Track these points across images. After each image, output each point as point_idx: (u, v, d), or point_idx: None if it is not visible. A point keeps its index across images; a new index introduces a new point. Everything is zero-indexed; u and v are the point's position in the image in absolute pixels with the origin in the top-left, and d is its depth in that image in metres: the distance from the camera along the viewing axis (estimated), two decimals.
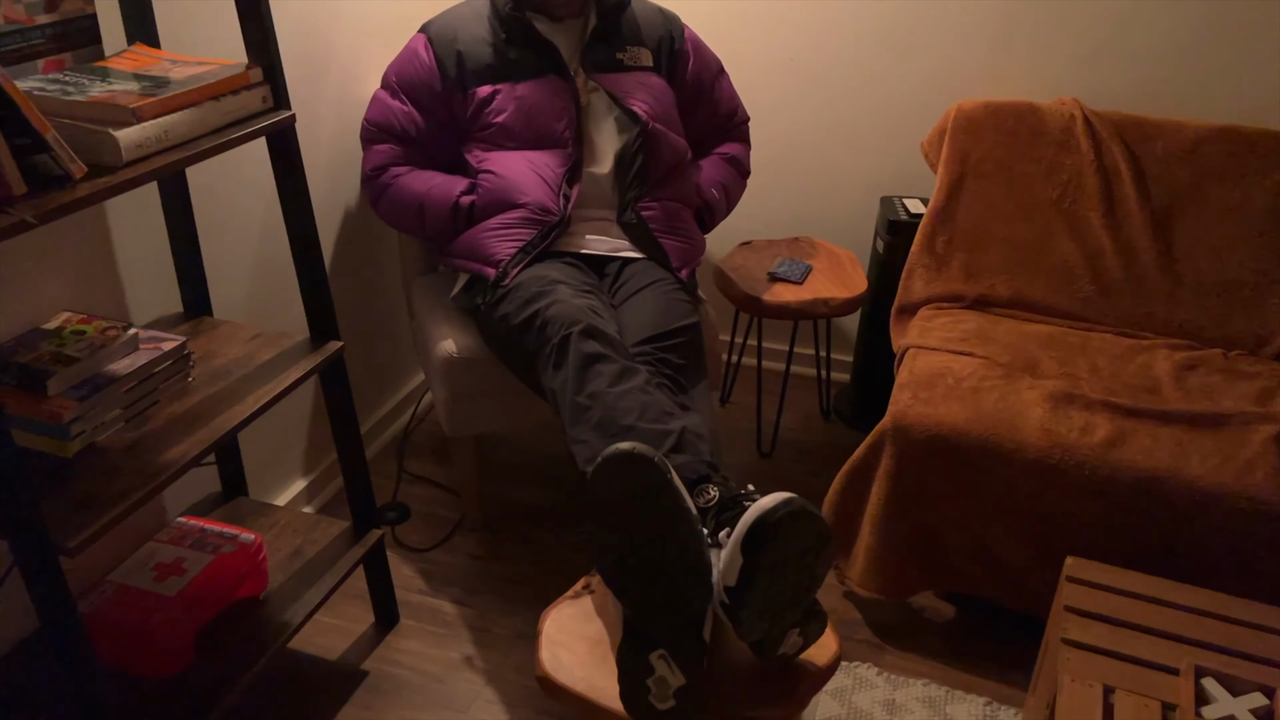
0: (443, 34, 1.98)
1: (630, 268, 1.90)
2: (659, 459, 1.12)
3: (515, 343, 1.72)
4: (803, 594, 1.13)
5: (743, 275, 2.33)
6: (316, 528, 1.82)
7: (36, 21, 1.31)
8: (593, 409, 1.42)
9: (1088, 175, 2.14)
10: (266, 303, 1.96)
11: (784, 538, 1.07)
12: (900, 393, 1.87)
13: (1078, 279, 2.14)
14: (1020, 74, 2.33)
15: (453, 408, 2.01)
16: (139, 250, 1.64)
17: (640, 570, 1.12)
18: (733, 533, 1.09)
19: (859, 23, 2.41)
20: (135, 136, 1.20)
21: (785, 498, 1.09)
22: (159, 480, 1.27)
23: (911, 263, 2.24)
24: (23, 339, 1.37)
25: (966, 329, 2.07)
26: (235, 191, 1.83)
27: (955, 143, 2.24)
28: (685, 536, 1.11)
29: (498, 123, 1.94)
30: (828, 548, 1.12)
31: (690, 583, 1.12)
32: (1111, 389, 1.87)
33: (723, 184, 2.15)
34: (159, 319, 1.67)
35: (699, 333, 1.80)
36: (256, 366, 1.54)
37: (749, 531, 1.07)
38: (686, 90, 2.12)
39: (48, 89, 1.24)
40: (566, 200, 1.91)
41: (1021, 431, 1.74)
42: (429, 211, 1.97)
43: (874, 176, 2.56)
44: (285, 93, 1.44)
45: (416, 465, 2.40)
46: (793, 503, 1.08)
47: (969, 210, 2.22)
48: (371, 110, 2.03)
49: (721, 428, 2.59)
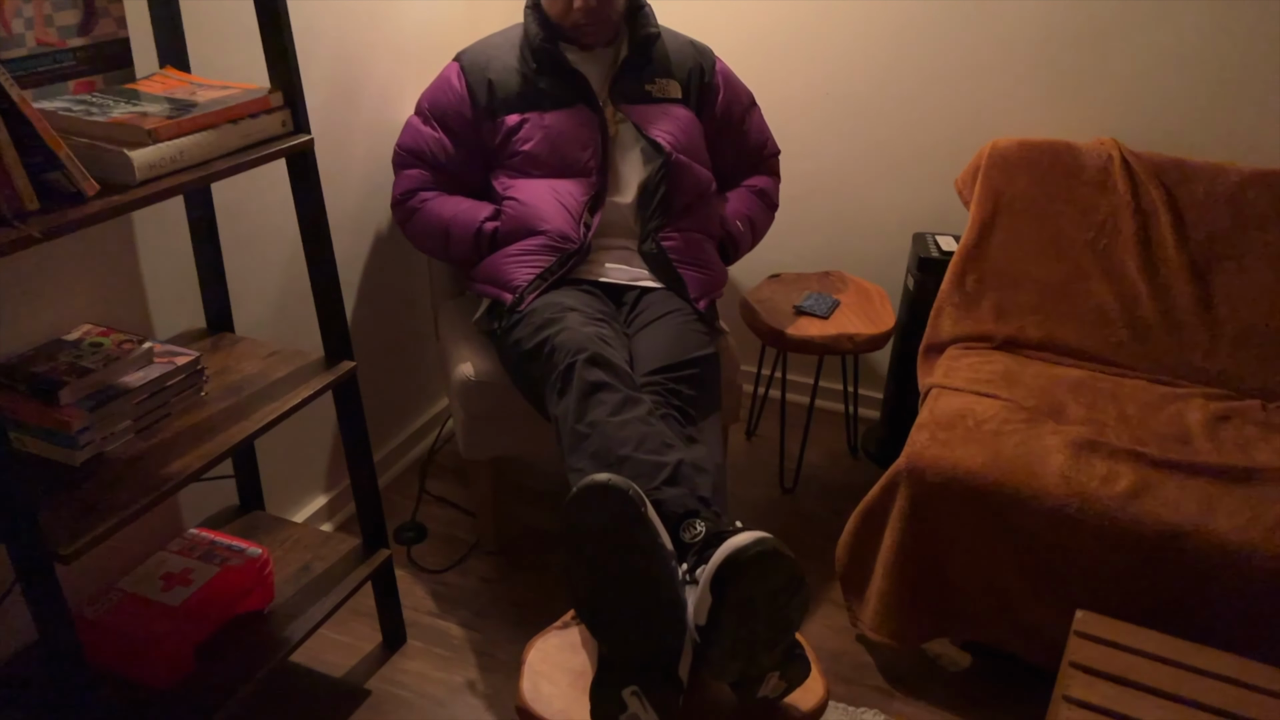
0: (475, 63, 2.02)
1: (648, 297, 1.90)
2: (634, 493, 1.11)
3: (526, 368, 1.73)
4: (778, 636, 1.11)
5: (768, 308, 2.31)
6: (327, 544, 1.84)
7: (68, 44, 1.36)
8: (591, 437, 1.42)
9: (1124, 217, 2.09)
10: (290, 321, 1.99)
11: (754, 577, 1.05)
12: (918, 433, 1.84)
13: (1111, 323, 2.09)
14: (1058, 113, 2.29)
15: (470, 430, 2.02)
16: (165, 266, 1.68)
17: (612, 604, 1.11)
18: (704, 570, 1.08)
19: (896, 58, 2.39)
20: (149, 157, 1.23)
21: (757, 537, 1.07)
22: (159, 492, 1.30)
23: (940, 301, 2.21)
24: (43, 349, 1.41)
25: (993, 370, 2.02)
26: (264, 211, 1.87)
27: (988, 181, 2.20)
28: (658, 572, 1.10)
29: (524, 150, 1.96)
30: (801, 590, 1.10)
31: (663, 619, 1.10)
32: (1139, 438, 1.81)
33: (748, 216, 2.14)
34: (181, 333, 1.71)
35: (714, 364, 1.79)
36: (269, 383, 1.57)
37: (718, 570, 1.05)
38: (716, 122, 2.13)
39: (73, 109, 1.29)
40: (587, 228, 1.92)
41: (1040, 478, 1.70)
42: (454, 236, 2.00)
43: (907, 212, 2.53)
44: (305, 117, 1.48)
45: (439, 486, 2.42)
46: (764, 542, 1.06)
47: (1001, 249, 2.18)
48: (404, 136, 2.07)
49: (745, 461, 2.56)
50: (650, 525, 1.12)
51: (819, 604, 2.07)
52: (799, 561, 1.09)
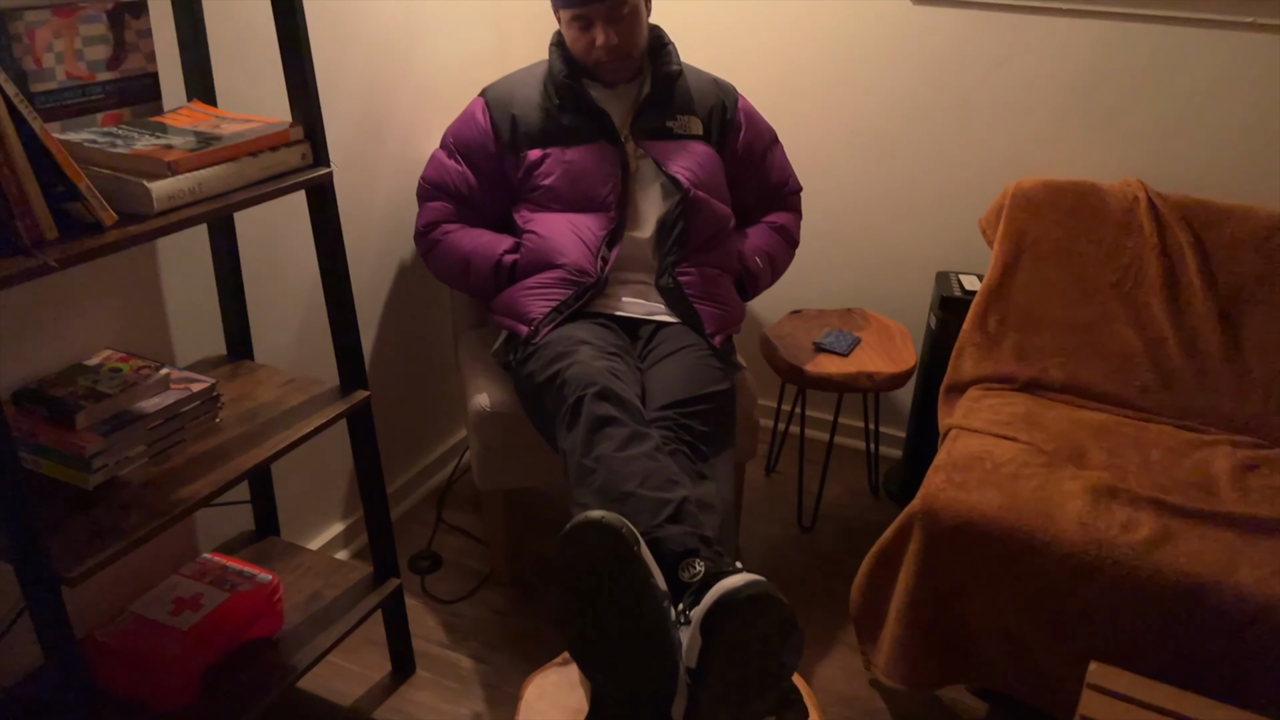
0: (500, 98, 2.05)
1: (664, 331, 1.91)
2: (627, 531, 1.11)
3: (538, 401, 1.73)
4: (770, 681, 1.09)
5: (788, 344, 2.30)
6: (338, 572, 1.85)
7: (98, 78, 1.40)
8: (597, 472, 1.42)
9: (1150, 259, 2.06)
10: (310, 349, 2.02)
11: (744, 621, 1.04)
12: (934, 474, 1.81)
13: (1136, 367, 2.05)
14: (1083, 153, 2.28)
15: (484, 460, 2.03)
16: (188, 293, 1.71)
17: (603, 643, 1.10)
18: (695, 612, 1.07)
19: (922, 97, 2.39)
20: (168, 188, 1.26)
21: (749, 580, 1.06)
22: (168, 517, 1.32)
23: (962, 341, 2.18)
24: (63, 373, 1.44)
25: (1014, 412, 1.99)
26: (287, 241, 1.91)
27: (1012, 221, 2.18)
28: (649, 612, 1.09)
29: (544, 185, 1.98)
30: (794, 635, 1.08)
31: (654, 661, 1.09)
32: (1162, 485, 1.77)
33: (768, 252, 2.14)
34: (202, 360, 1.74)
35: (727, 400, 1.79)
36: (283, 411, 1.59)
37: (708, 612, 1.04)
38: (737, 159, 2.13)
39: (99, 141, 1.32)
40: (604, 262, 1.93)
41: (1057, 524, 1.66)
42: (474, 268, 2.02)
43: (931, 250, 2.52)
44: (325, 150, 1.50)
45: (456, 516, 2.43)
46: (756, 585, 1.05)
47: (1024, 290, 2.15)
48: (428, 169, 2.10)
49: (763, 498, 2.54)
50: (642, 564, 1.12)
51: (832, 646, 2.04)
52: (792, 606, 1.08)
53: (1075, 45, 2.22)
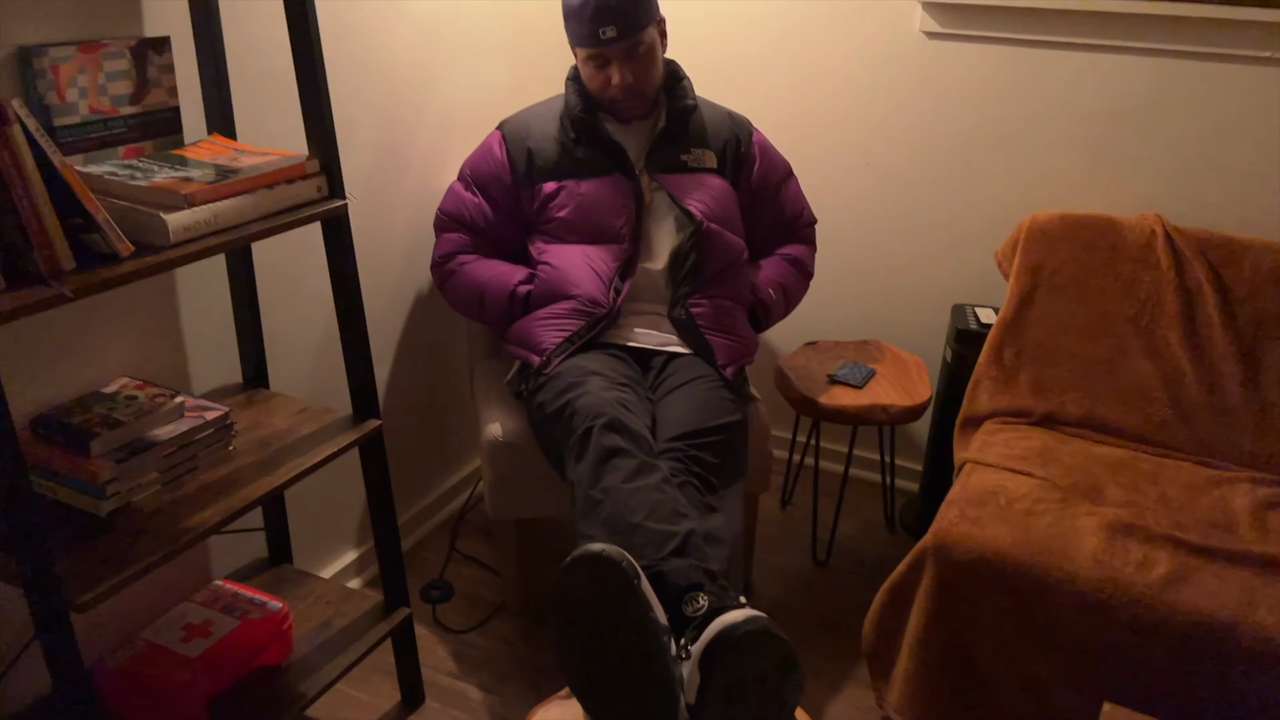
0: (516, 131, 2.07)
1: (675, 362, 1.91)
2: (627, 564, 1.10)
3: (549, 431, 1.74)
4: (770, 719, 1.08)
5: (802, 376, 2.30)
6: (349, 600, 1.85)
7: (120, 112, 1.44)
8: (604, 504, 1.42)
9: (1167, 293, 2.05)
10: (325, 378, 2.04)
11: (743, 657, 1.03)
12: (947, 509, 1.80)
13: (1154, 401, 2.03)
14: (1100, 186, 2.27)
15: (497, 490, 2.03)
16: (206, 322, 1.74)
17: (602, 677, 1.10)
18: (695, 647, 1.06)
19: (936, 130, 2.40)
20: (184, 220, 1.29)
21: (748, 615, 1.05)
22: (178, 544, 1.33)
23: (978, 374, 2.17)
24: (80, 400, 1.47)
25: (1029, 447, 1.98)
26: (304, 271, 1.93)
27: (1028, 254, 2.18)
28: (648, 647, 1.08)
29: (559, 217, 2.00)
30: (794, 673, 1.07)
31: (653, 696, 1.09)
32: (1180, 522, 1.74)
33: (781, 284, 2.14)
34: (217, 388, 1.76)
35: (738, 432, 1.79)
36: (295, 439, 1.61)
37: (707, 648, 1.04)
38: (751, 192, 2.14)
39: (119, 173, 1.35)
40: (617, 293, 1.94)
41: (1072, 561, 1.64)
42: (489, 299, 2.03)
43: (947, 283, 2.51)
44: (340, 182, 1.53)
45: (470, 545, 2.43)
46: (755, 621, 1.04)
47: (1040, 323, 2.14)
48: (445, 201, 2.12)
49: (778, 531, 2.53)
50: (642, 598, 1.11)
51: (845, 682, 2.02)
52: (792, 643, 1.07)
53: (1091, 79, 2.22)
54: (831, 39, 2.43)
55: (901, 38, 2.36)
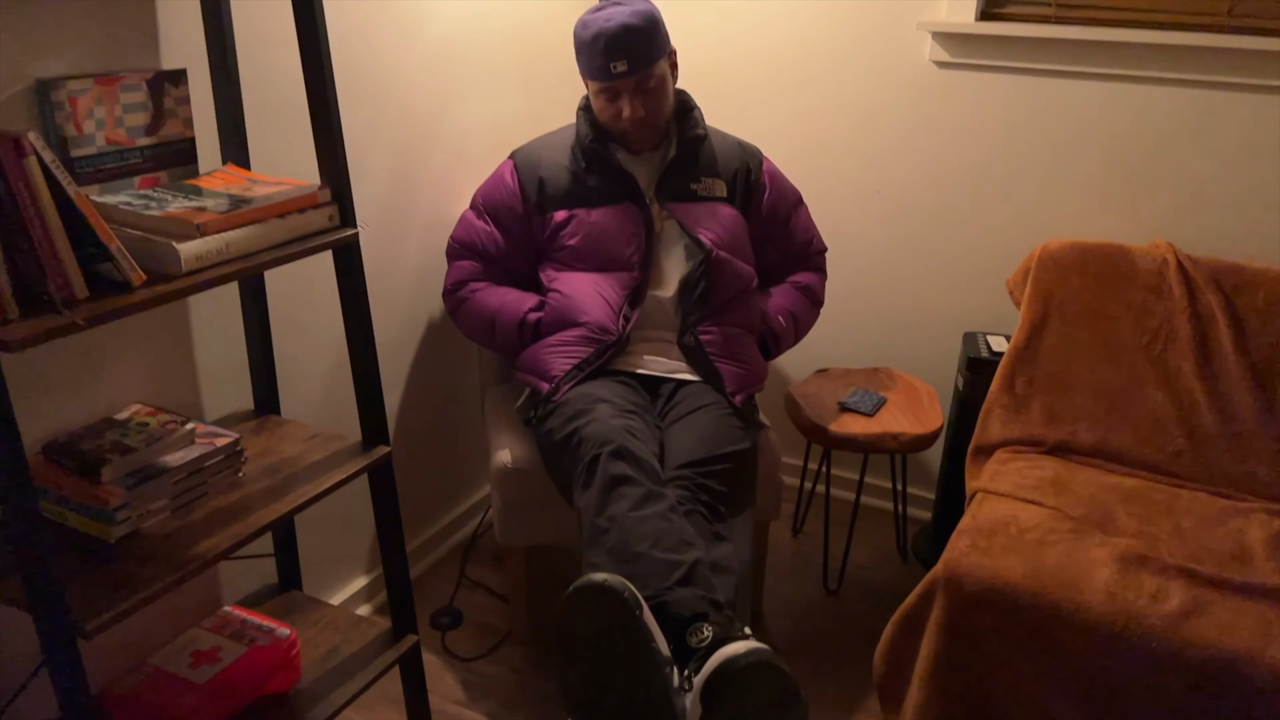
0: (528, 161, 2.09)
1: (684, 390, 1.91)
2: (629, 595, 1.10)
3: (557, 458, 1.74)
4: None
5: (812, 403, 2.30)
6: (357, 627, 1.85)
7: (136, 143, 1.46)
8: (610, 532, 1.42)
9: (1180, 322, 2.04)
10: (337, 405, 2.05)
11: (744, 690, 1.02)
12: (958, 539, 1.78)
13: (1168, 431, 2.01)
14: (1112, 215, 2.26)
15: (506, 517, 2.03)
16: (218, 349, 1.76)
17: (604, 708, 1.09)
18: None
19: (946, 158, 2.40)
20: (196, 249, 1.30)
21: (750, 648, 1.04)
22: (186, 571, 1.33)
23: (990, 402, 2.16)
24: (93, 427, 1.48)
25: (1041, 476, 1.96)
26: (316, 298, 1.95)
27: (1039, 282, 2.17)
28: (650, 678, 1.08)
29: (569, 245, 2.01)
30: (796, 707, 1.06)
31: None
32: (1194, 554, 1.73)
33: (791, 312, 2.15)
34: (229, 415, 1.77)
35: (747, 460, 1.78)
36: (305, 466, 1.61)
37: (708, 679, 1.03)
38: (761, 220, 2.15)
39: (134, 203, 1.37)
40: (626, 321, 1.94)
41: (1084, 593, 1.63)
42: (499, 326, 2.04)
43: (959, 311, 2.50)
44: (352, 212, 1.54)
45: (480, 571, 2.43)
46: (757, 654, 1.03)
47: (1052, 352, 2.13)
48: (458, 229, 2.14)
49: (789, 559, 2.51)
50: (643, 629, 1.11)
51: (855, 713, 2.00)
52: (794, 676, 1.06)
53: (1102, 108, 2.22)
54: (842, 68, 2.45)
55: (912, 67, 2.37)
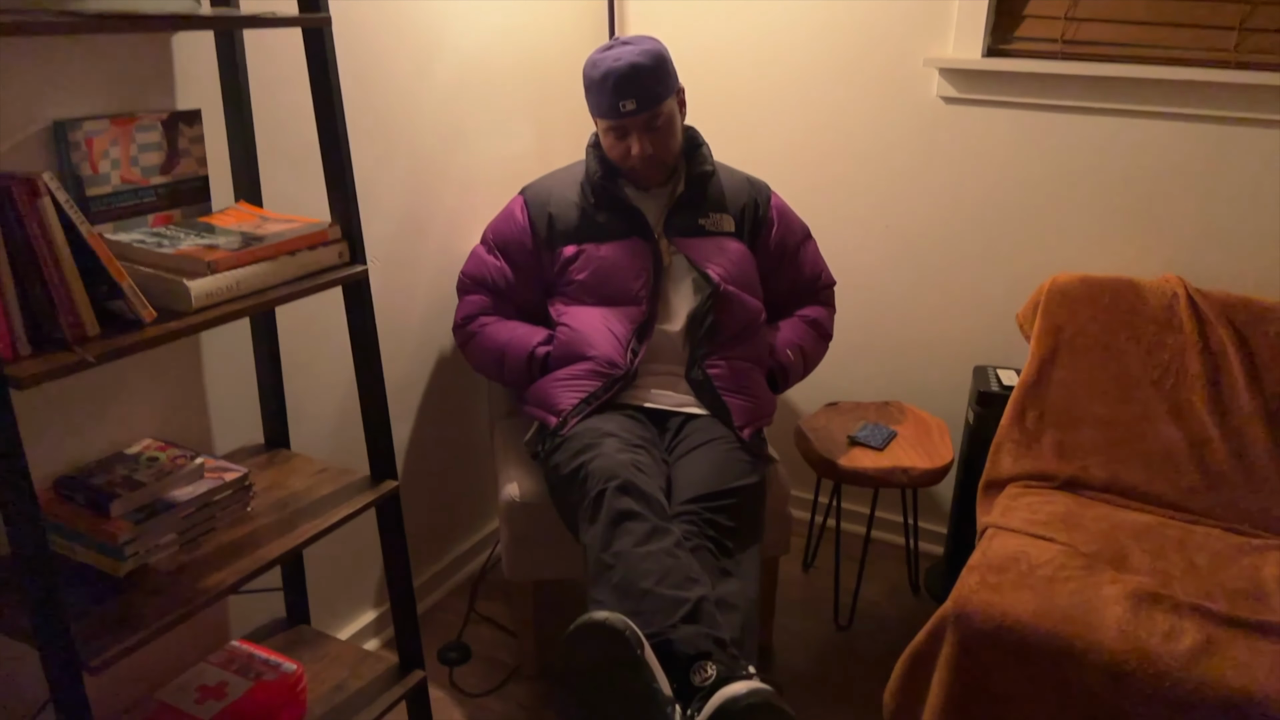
0: (538, 197, 2.11)
1: (692, 424, 1.91)
2: (631, 633, 1.10)
3: (564, 493, 1.74)
4: None
5: (822, 437, 2.29)
6: (364, 663, 1.85)
7: (150, 182, 1.49)
8: (615, 568, 1.41)
9: (1191, 357, 2.03)
10: (346, 439, 2.06)
11: None
12: (968, 575, 1.77)
13: (1181, 466, 2.00)
14: (1121, 249, 2.26)
15: (514, 551, 2.03)
16: (229, 383, 1.77)
17: None
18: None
19: (955, 192, 2.41)
20: (207, 286, 1.32)
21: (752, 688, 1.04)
22: (192, 606, 1.34)
23: (1000, 437, 2.15)
24: (104, 462, 1.49)
25: (1053, 511, 1.95)
26: (326, 332, 1.97)
27: (1048, 316, 2.17)
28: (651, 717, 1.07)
29: (578, 280, 2.03)
30: None
31: None
32: (1208, 592, 1.70)
33: (800, 346, 2.15)
34: (239, 449, 1.79)
35: (755, 494, 1.78)
36: (313, 500, 1.62)
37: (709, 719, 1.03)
38: (769, 255, 2.16)
39: (146, 241, 1.40)
40: (634, 355, 1.95)
41: (1096, 631, 1.61)
42: (508, 360, 2.05)
43: (969, 344, 2.50)
44: (362, 248, 1.56)
45: (489, 606, 2.42)
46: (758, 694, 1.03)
47: (1062, 386, 2.12)
48: (468, 264, 2.16)
49: (800, 594, 2.50)
50: (645, 668, 1.11)
51: None
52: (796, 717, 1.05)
53: (1110, 142, 2.22)
54: (850, 104, 2.46)
55: (919, 103, 2.39)
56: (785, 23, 2.48)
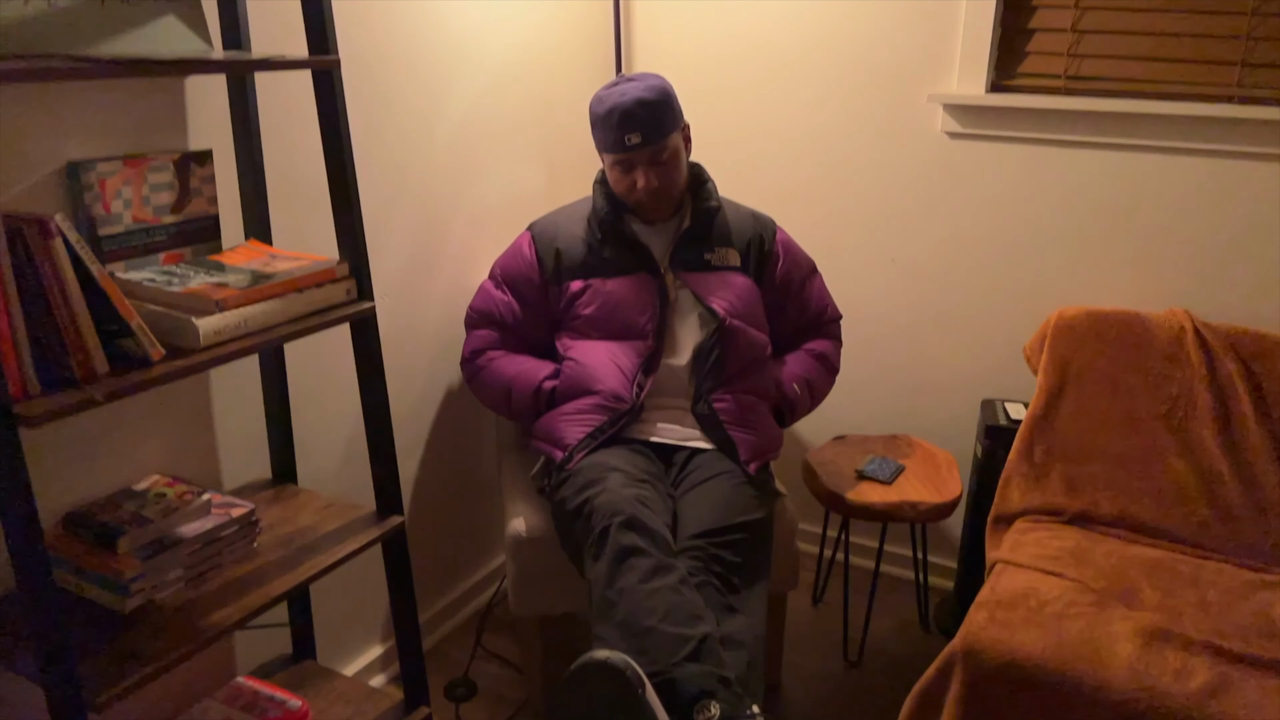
0: (545, 232, 2.13)
1: (698, 458, 1.91)
2: (632, 673, 1.10)
3: (569, 528, 1.74)
4: None
5: (829, 470, 2.28)
6: (370, 699, 1.84)
7: (162, 221, 1.51)
8: (619, 605, 1.41)
9: (1199, 390, 2.02)
10: (354, 473, 2.07)
11: None
12: (977, 611, 1.75)
13: (1191, 501, 1.98)
14: (1127, 282, 2.26)
15: (520, 586, 2.02)
16: (237, 419, 1.78)
17: None
18: None
19: (961, 226, 2.42)
20: (215, 324, 1.34)
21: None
22: (197, 643, 1.34)
23: (1008, 471, 2.14)
24: (112, 498, 1.50)
25: (1062, 546, 1.93)
26: (334, 368, 1.98)
27: (1055, 350, 2.16)
28: None
29: (585, 314, 2.04)
30: None
31: None
32: (1219, 629, 1.68)
33: (806, 379, 2.15)
34: (247, 484, 1.80)
35: (762, 530, 1.77)
36: (319, 536, 1.63)
37: None
38: (775, 289, 2.17)
39: (156, 279, 1.41)
40: (640, 389, 1.96)
41: (1106, 669, 1.59)
42: (515, 394, 2.06)
43: (976, 377, 2.50)
44: (369, 285, 1.58)
45: (496, 641, 2.41)
46: None
47: (1070, 420, 2.12)
48: (476, 299, 2.18)
49: (809, 629, 2.48)
50: (646, 708, 1.10)
51: None
52: None
53: (1113, 177, 2.23)
54: (855, 140, 2.48)
55: (924, 138, 2.40)
56: (790, 60, 2.51)
